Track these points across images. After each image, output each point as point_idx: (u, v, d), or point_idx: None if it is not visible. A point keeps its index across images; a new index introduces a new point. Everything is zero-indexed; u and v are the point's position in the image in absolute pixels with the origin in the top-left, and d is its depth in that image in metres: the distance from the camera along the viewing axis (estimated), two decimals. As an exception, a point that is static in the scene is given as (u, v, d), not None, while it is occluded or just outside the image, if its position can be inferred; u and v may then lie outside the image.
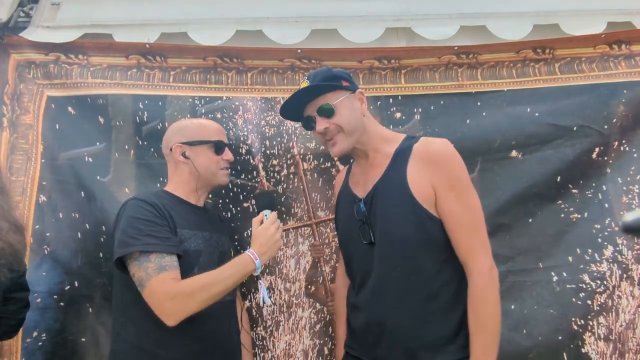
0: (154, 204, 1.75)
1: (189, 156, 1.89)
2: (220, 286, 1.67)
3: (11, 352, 2.14)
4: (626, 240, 2.29)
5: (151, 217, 1.72)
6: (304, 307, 2.34)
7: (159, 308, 1.62)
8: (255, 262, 1.73)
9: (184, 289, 1.63)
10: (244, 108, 2.42)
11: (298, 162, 2.41)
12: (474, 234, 1.67)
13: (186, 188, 1.92)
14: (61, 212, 2.30)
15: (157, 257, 1.65)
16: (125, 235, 1.68)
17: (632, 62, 2.42)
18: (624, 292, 2.26)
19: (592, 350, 2.24)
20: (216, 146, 1.93)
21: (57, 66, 2.38)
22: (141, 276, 1.64)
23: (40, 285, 2.20)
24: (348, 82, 1.80)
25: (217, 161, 1.94)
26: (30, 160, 2.32)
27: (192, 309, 1.62)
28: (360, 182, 1.84)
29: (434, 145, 1.73)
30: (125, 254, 1.66)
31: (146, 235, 1.67)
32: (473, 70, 2.45)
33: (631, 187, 2.32)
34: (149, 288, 1.62)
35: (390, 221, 1.70)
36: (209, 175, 1.93)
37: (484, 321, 1.64)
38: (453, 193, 1.67)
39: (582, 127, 2.35)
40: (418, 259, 1.68)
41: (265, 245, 1.77)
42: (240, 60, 2.43)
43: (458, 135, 2.36)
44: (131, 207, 1.75)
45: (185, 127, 1.97)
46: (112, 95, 2.38)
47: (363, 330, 1.78)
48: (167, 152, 1.95)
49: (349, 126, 1.75)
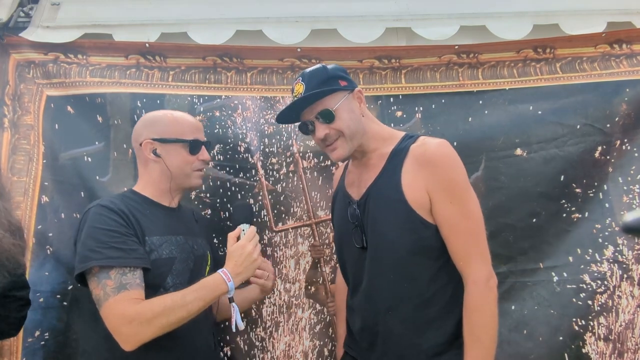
0: (119, 210, 1.60)
1: (160, 154, 1.72)
2: (184, 311, 1.52)
3: (12, 351, 2.15)
4: (626, 240, 2.28)
5: (115, 226, 1.57)
6: (303, 308, 2.34)
7: (116, 332, 1.50)
8: (227, 283, 1.58)
9: (143, 313, 1.48)
10: (243, 106, 2.42)
11: (297, 160, 2.40)
12: (471, 242, 1.59)
13: (156, 188, 1.76)
14: (63, 212, 2.30)
15: (117, 273, 1.52)
16: (85, 248, 1.53)
17: (634, 61, 2.41)
18: (624, 292, 2.26)
19: (593, 350, 2.24)
20: (191, 146, 1.75)
21: (56, 65, 2.38)
22: (99, 295, 1.51)
23: (43, 285, 2.22)
24: (345, 81, 1.70)
25: (191, 162, 1.76)
26: (32, 160, 2.33)
27: (150, 334, 1.49)
28: (355, 183, 1.78)
29: (430, 147, 1.63)
30: (85, 269, 1.53)
31: (108, 248, 1.52)
32: (474, 70, 2.44)
33: (632, 187, 2.31)
34: (105, 308, 1.50)
35: (382, 226, 1.63)
36: (181, 177, 1.76)
37: (479, 333, 1.55)
38: (449, 198, 1.58)
39: (586, 125, 2.35)
40: (410, 265, 1.62)
41: (241, 265, 1.62)
42: (239, 59, 2.43)
43: (460, 132, 2.37)
44: (93, 215, 1.59)
45: (157, 121, 1.77)
46: (110, 94, 2.38)
47: (358, 334, 1.77)
48: (136, 146, 1.77)
49: (349, 130, 1.66)
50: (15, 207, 2.24)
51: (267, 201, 2.37)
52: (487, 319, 1.56)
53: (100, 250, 1.52)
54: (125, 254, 1.54)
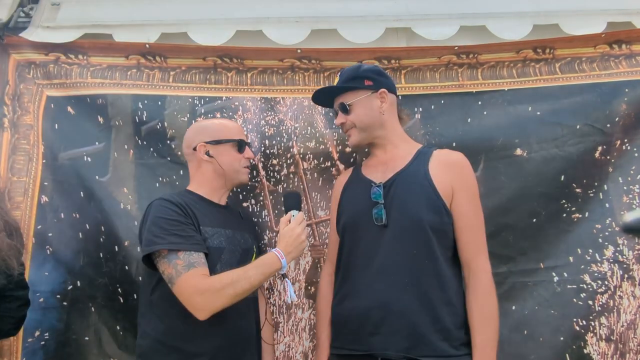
0: (178, 203, 1.80)
1: (213, 155, 1.94)
2: (248, 283, 1.70)
3: (11, 351, 2.15)
4: (627, 240, 2.27)
5: (176, 216, 1.76)
6: (303, 309, 2.33)
7: (190, 303, 1.67)
8: (281, 261, 1.76)
9: (213, 285, 1.67)
10: (244, 108, 2.42)
11: (298, 161, 2.40)
12: (480, 237, 1.84)
13: (209, 187, 1.98)
14: (62, 212, 2.30)
15: (185, 254, 1.70)
16: (152, 234, 1.73)
17: (633, 62, 2.40)
18: (625, 292, 2.25)
19: (594, 351, 2.23)
20: (239, 144, 1.99)
21: (56, 66, 2.38)
22: (171, 273, 1.68)
23: (43, 285, 2.22)
24: (372, 81, 1.94)
25: (239, 159, 1.99)
26: (31, 160, 2.33)
27: (221, 304, 1.67)
28: (379, 170, 1.94)
29: (454, 154, 1.94)
30: (151, 251, 1.71)
31: (172, 235, 1.72)
32: (473, 70, 2.44)
33: (632, 187, 2.30)
34: (178, 284, 1.67)
35: (410, 205, 1.81)
36: (232, 173, 1.98)
37: (488, 318, 1.76)
38: (468, 198, 1.84)
39: (586, 125, 2.34)
40: (432, 244, 1.78)
41: (291, 245, 1.81)
42: (240, 60, 2.43)
43: (459, 133, 2.36)
44: (156, 206, 1.80)
45: (208, 127, 2.02)
46: (112, 95, 2.38)
47: (360, 318, 1.79)
48: (189, 151, 1.99)
49: (361, 123, 1.93)
50: (15, 207, 2.25)
51: (268, 201, 2.37)
52: (494, 304, 1.78)
53: (165, 236, 1.72)
54: (186, 240, 1.73)
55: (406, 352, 1.71)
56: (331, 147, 2.40)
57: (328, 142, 2.40)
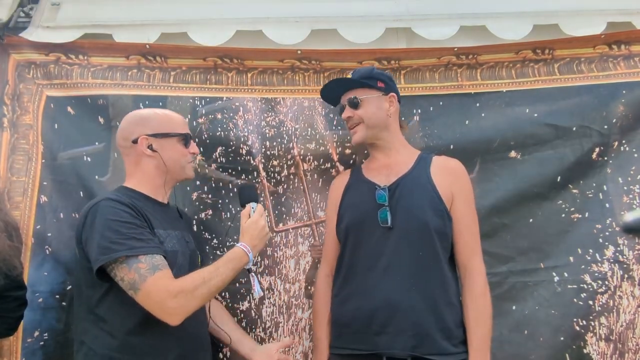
0: (129, 204, 1.65)
1: (156, 149, 1.78)
2: (220, 280, 1.63)
3: (11, 352, 2.13)
4: (627, 240, 2.28)
5: (130, 218, 1.62)
6: (303, 309, 2.33)
7: (161, 308, 1.55)
8: (248, 255, 1.71)
9: (185, 286, 1.57)
10: (244, 109, 2.42)
11: (298, 162, 2.41)
12: (476, 239, 1.94)
13: (151, 184, 1.82)
14: (62, 212, 2.29)
15: (146, 257, 1.57)
16: (107, 241, 1.56)
17: (631, 63, 2.41)
18: (624, 292, 2.26)
19: (594, 350, 2.23)
20: (185, 138, 1.85)
21: (57, 66, 2.37)
22: (133, 278, 1.54)
23: (42, 285, 2.20)
24: (384, 84, 2.01)
25: (185, 154, 1.85)
26: (31, 160, 2.32)
27: (196, 305, 1.60)
28: (383, 174, 1.98)
29: (452, 161, 2.03)
30: (110, 259, 1.56)
31: (130, 239, 1.58)
32: (473, 71, 2.44)
33: (632, 187, 2.31)
34: (145, 289, 1.54)
35: (414, 207, 1.88)
36: (177, 169, 1.84)
37: (483, 316, 1.83)
38: (466, 202, 1.94)
39: (582, 127, 2.35)
40: (436, 245, 1.85)
41: (257, 238, 1.75)
42: (240, 60, 2.43)
43: (457, 135, 2.37)
44: (104, 208, 1.63)
45: (149, 118, 1.86)
46: (113, 96, 2.37)
47: (365, 318, 1.83)
48: (126, 144, 1.82)
49: (369, 120, 1.97)
50: (15, 207, 2.23)
51: (268, 202, 2.37)
52: (489, 304, 1.85)
53: (123, 241, 1.56)
54: (145, 244, 1.60)
55: (411, 350, 1.77)
56: (331, 149, 2.40)
57: (328, 143, 2.41)
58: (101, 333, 1.63)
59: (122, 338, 1.61)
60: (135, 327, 1.61)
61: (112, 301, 1.62)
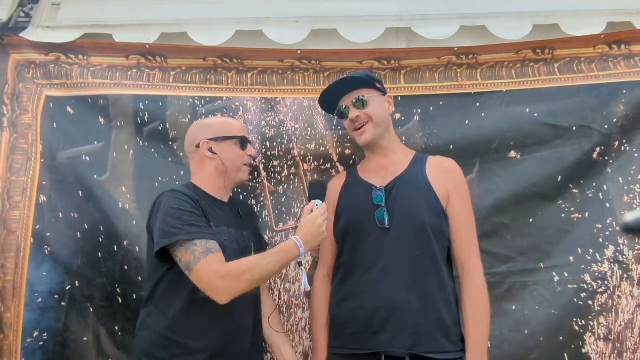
0: (190, 195, 1.82)
1: (216, 151, 1.94)
2: (265, 269, 1.72)
3: (11, 352, 2.14)
4: (627, 240, 2.28)
5: (190, 207, 1.78)
6: (303, 308, 2.33)
7: (210, 288, 1.68)
8: (299, 249, 1.76)
9: (232, 270, 1.68)
10: (244, 109, 2.42)
11: (298, 163, 2.41)
12: (473, 238, 1.95)
13: (212, 184, 1.98)
14: (61, 212, 2.29)
15: (202, 242, 1.71)
16: (168, 226, 1.73)
17: (632, 62, 2.41)
18: (623, 292, 2.25)
19: (592, 350, 2.23)
20: (241, 142, 2.00)
21: (57, 66, 2.38)
22: (189, 260, 1.69)
23: (41, 285, 2.21)
24: (381, 85, 2.05)
25: (242, 156, 2.01)
26: (30, 160, 2.32)
27: (241, 288, 1.69)
28: (379, 174, 2.00)
29: (447, 160, 2.05)
30: (171, 242, 1.72)
31: (188, 225, 1.73)
32: (473, 71, 2.44)
33: (632, 187, 2.31)
34: (197, 270, 1.68)
35: (411, 207, 1.89)
36: (234, 171, 1.99)
37: (482, 315, 1.84)
38: (461, 200, 1.95)
39: (582, 127, 2.35)
40: (432, 244, 1.86)
41: (312, 235, 1.80)
42: (240, 60, 2.43)
43: (457, 136, 2.37)
44: (169, 198, 1.80)
45: (211, 125, 2.03)
46: (113, 96, 2.38)
47: (365, 318, 1.84)
48: (192, 149, 2.00)
49: (378, 118, 2.00)
50: (14, 207, 2.25)
51: (268, 202, 2.38)
52: (486, 301, 1.86)
53: (182, 227, 1.73)
54: (201, 230, 1.75)
55: (410, 349, 1.77)
56: (331, 149, 2.40)
57: (328, 144, 2.41)
58: (156, 312, 1.80)
59: (172, 317, 1.77)
60: (183, 308, 1.76)
61: (168, 283, 1.79)
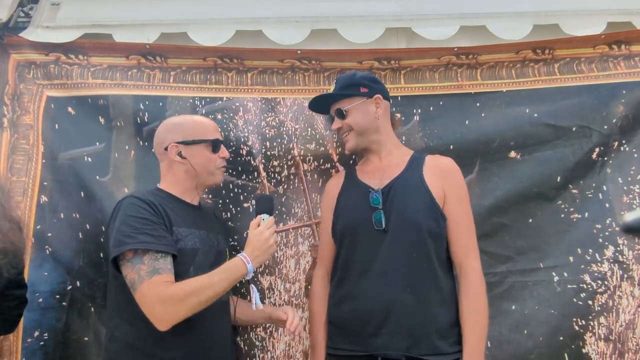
0: (149, 202, 1.72)
1: (185, 156, 1.85)
2: (212, 291, 1.64)
3: (11, 352, 2.14)
4: (627, 240, 2.28)
5: (147, 214, 1.68)
6: (303, 308, 2.32)
7: (150, 312, 1.60)
8: (247, 266, 1.71)
9: (176, 293, 1.59)
10: (244, 109, 2.42)
11: (298, 163, 2.41)
12: (471, 238, 1.94)
13: (181, 187, 1.89)
14: (62, 212, 2.29)
15: (150, 259, 1.62)
16: (121, 234, 1.64)
17: (632, 63, 2.41)
18: (624, 292, 2.26)
19: (593, 350, 2.24)
20: (213, 145, 1.90)
21: (57, 66, 2.38)
22: (133, 278, 1.61)
23: (42, 285, 2.21)
24: (367, 88, 2.02)
25: (214, 160, 1.91)
26: (31, 160, 2.32)
27: (183, 314, 1.60)
28: (376, 176, 2.00)
29: (445, 160, 2.03)
30: (121, 252, 1.63)
31: (142, 234, 1.64)
32: (473, 71, 2.44)
33: (632, 187, 2.31)
34: (140, 291, 1.60)
35: (408, 210, 1.88)
36: (205, 175, 1.90)
37: (479, 316, 1.83)
38: (459, 200, 1.93)
39: (582, 127, 2.35)
40: (429, 247, 1.86)
41: (259, 250, 1.75)
42: (240, 60, 2.43)
43: (457, 136, 2.37)
44: (127, 205, 1.71)
45: (180, 125, 1.91)
46: (113, 96, 2.37)
47: (361, 320, 1.85)
48: (160, 150, 1.91)
49: (358, 127, 2.00)
50: (15, 207, 2.23)
51: (268, 202, 2.37)
52: (485, 303, 1.86)
53: (134, 235, 1.63)
54: (156, 239, 1.65)
55: (406, 351, 1.78)
56: (331, 149, 2.41)
57: (328, 144, 2.41)
58: (122, 321, 1.72)
59: (139, 327, 1.66)
60: None
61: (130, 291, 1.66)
